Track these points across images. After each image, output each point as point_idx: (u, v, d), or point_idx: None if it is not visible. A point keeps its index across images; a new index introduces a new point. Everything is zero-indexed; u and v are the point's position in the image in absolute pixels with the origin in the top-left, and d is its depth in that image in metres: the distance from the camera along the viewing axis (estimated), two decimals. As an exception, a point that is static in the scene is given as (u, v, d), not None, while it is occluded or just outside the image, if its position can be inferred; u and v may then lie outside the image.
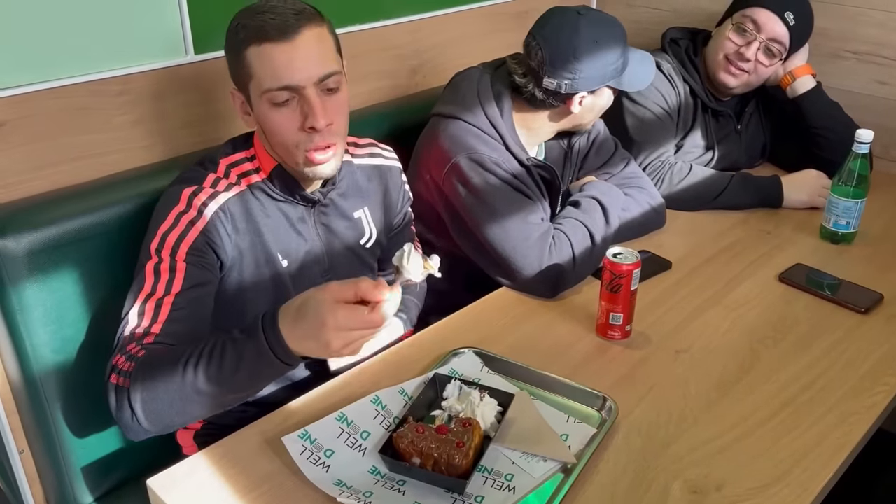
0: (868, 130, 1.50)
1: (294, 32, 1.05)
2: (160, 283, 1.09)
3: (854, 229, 1.57)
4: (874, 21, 1.85)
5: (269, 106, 1.09)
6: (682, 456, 1.03)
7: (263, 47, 1.05)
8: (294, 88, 1.07)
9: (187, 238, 1.11)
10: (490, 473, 0.99)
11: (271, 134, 1.12)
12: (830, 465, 1.02)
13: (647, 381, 1.18)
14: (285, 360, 0.94)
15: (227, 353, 0.96)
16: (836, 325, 1.32)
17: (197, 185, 1.14)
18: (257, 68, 1.07)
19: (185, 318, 1.09)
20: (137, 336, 1.06)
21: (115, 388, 1.01)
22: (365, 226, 1.32)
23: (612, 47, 1.43)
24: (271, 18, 1.05)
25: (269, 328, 0.93)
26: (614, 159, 1.67)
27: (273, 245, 1.20)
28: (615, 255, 1.24)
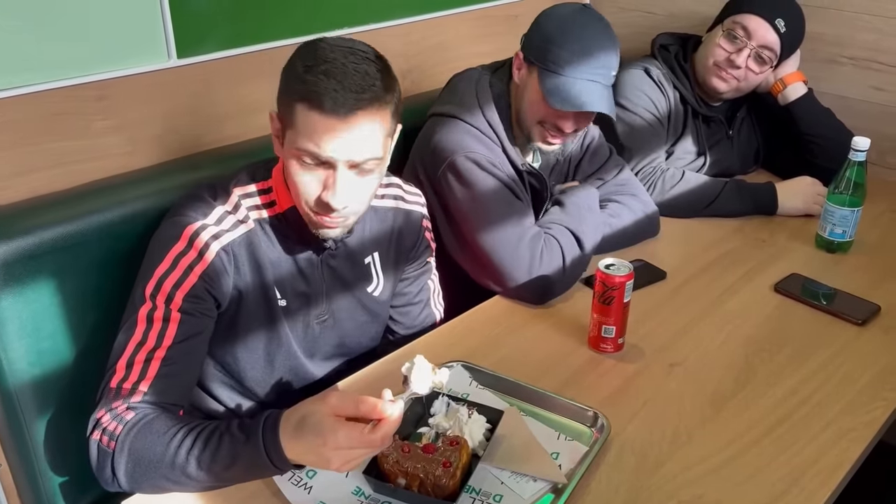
0: (864, 138, 1.47)
1: (349, 113, 0.98)
2: (152, 332, 1.03)
3: (850, 238, 1.55)
4: (871, 26, 1.83)
5: (297, 161, 1.03)
6: (677, 475, 1.01)
7: (312, 113, 0.99)
8: (326, 160, 1.02)
9: (185, 284, 1.05)
10: (478, 494, 0.96)
11: (290, 182, 1.07)
12: (829, 483, 0.99)
13: (640, 396, 1.16)
14: (280, 466, 0.91)
15: (222, 447, 0.92)
16: (833, 337, 1.30)
17: (201, 220, 1.08)
18: (299, 125, 1.01)
19: (176, 373, 1.04)
20: (125, 392, 1.00)
21: (98, 447, 0.97)
22: (373, 272, 1.26)
23: (570, 34, 1.37)
24: (334, 91, 0.97)
25: (270, 436, 0.90)
26: (608, 165, 1.64)
27: (273, 283, 1.14)
28: (607, 266, 1.21)
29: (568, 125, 1.41)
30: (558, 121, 1.41)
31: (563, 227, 1.45)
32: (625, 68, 1.81)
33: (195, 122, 1.43)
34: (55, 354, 1.20)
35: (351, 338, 1.26)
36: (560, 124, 1.41)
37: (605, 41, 1.38)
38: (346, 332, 1.25)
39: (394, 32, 1.73)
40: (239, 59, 1.46)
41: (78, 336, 1.21)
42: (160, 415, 0.99)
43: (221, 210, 1.10)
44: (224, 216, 1.10)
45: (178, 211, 1.10)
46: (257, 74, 1.50)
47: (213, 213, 1.09)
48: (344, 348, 1.27)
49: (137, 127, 1.35)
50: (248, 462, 0.91)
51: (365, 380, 1.20)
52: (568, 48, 1.36)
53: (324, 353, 1.24)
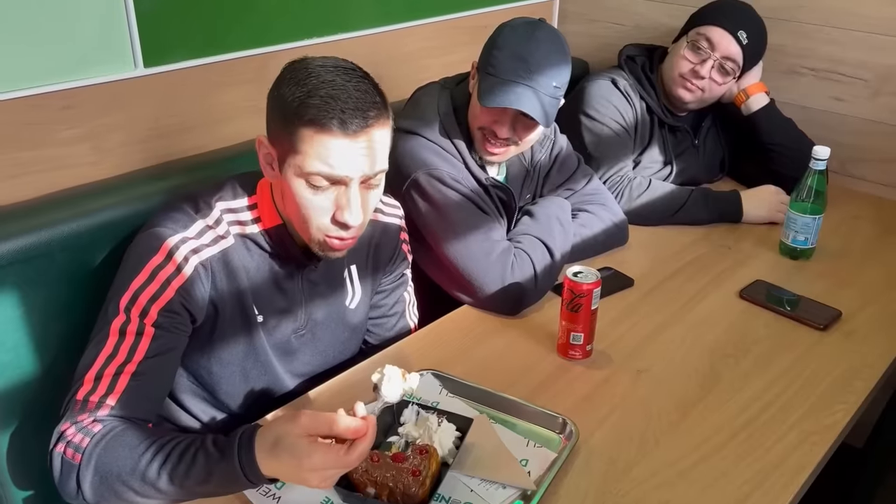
0: (825, 147, 1.51)
1: (360, 130, 0.98)
2: (124, 345, 1.01)
3: (812, 245, 1.58)
4: (830, 38, 1.88)
5: (306, 186, 1.01)
6: (644, 480, 1.02)
7: (322, 137, 0.97)
8: (339, 179, 1.01)
9: (161, 298, 1.03)
10: (448, 502, 0.97)
11: (296, 209, 1.04)
12: (792, 486, 1.01)
13: (608, 402, 1.17)
14: (255, 482, 0.91)
15: (196, 463, 0.92)
16: (796, 342, 1.32)
17: (181, 233, 1.06)
18: (307, 149, 0.99)
19: (145, 388, 1.02)
20: (91, 405, 0.98)
21: (63, 460, 0.95)
22: (348, 286, 1.25)
23: (513, 41, 1.37)
24: (342, 112, 0.97)
25: (245, 453, 0.90)
26: (576, 176, 1.66)
27: (251, 299, 1.13)
28: (575, 273, 1.22)
29: (503, 130, 1.40)
30: (494, 125, 1.41)
31: (534, 237, 1.46)
32: (592, 79, 1.84)
33: (162, 131, 1.42)
34: (18, 367, 1.18)
35: (329, 351, 1.26)
36: (495, 128, 1.40)
37: (548, 51, 1.37)
38: (325, 346, 1.25)
39: (361, 43, 1.74)
40: (206, 68, 1.45)
41: (42, 348, 1.19)
42: (129, 428, 0.97)
43: (202, 224, 1.08)
44: (204, 230, 1.08)
45: (157, 222, 1.08)
46: (224, 84, 1.49)
47: (193, 227, 1.07)
48: (322, 362, 1.26)
49: (103, 136, 1.34)
50: (223, 478, 0.91)
51: (336, 389, 1.19)
52: (506, 51, 1.37)
53: (302, 367, 1.23)
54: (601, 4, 2.25)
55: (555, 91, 1.38)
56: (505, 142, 1.43)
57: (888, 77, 1.82)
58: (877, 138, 1.87)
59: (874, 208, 1.83)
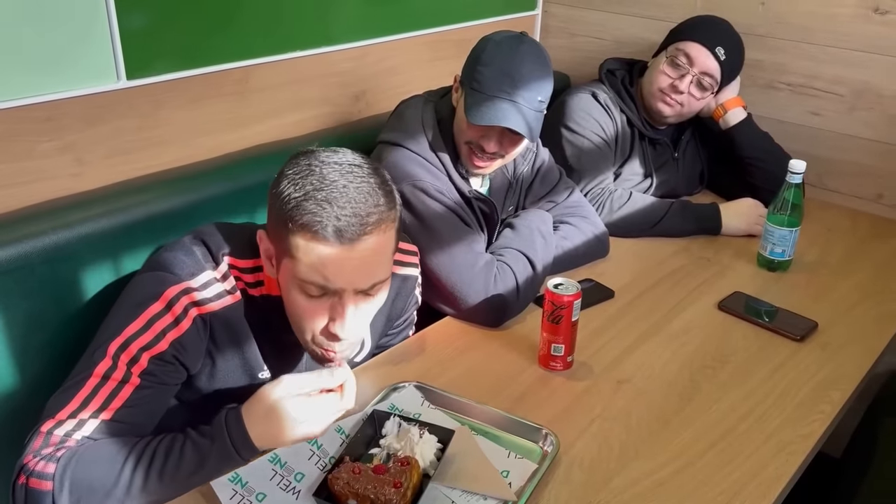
0: (801, 161, 1.53)
1: (356, 240, 0.93)
2: (103, 390, 0.97)
3: (790, 257, 1.61)
4: (807, 54, 1.91)
5: (299, 291, 0.97)
6: (624, 490, 1.03)
7: (317, 245, 0.93)
8: (333, 291, 0.97)
9: (154, 349, 0.99)
10: (429, 513, 0.97)
11: (290, 313, 1.02)
12: (769, 495, 1.02)
13: (589, 412, 1.18)
14: (248, 456, 0.92)
15: (185, 455, 0.91)
16: (774, 353, 1.34)
17: (186, 282, 1.01)
18: (301, 257, 0.94)
19: (112, 432, 0.97)
20: (55, 439, 0.95)
21: (27, 491, 0.91)
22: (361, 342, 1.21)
23: (498, 57, 1.38)
24: (337, 218, 0.91)
25: (235, 431, 0.90)
26: (558, 188, 1.67)
27: (255, 358, 1.10)
28: (556, 285, 1.23)
29: (490, 145, 1.42)
30: (481, 140, 1.42)
31: (515, 250, 1.47)
32: (573, 93, 1.86)
33: (144, 143, 1.42)
34: (-3, 380, 1.17)
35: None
36: (482, 143, 1.42)
37: (532, 66, 1.39)
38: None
39: (347, 55, 1.75)
40: (189, 80, 1.45)
41: (22, 360, 1.18)
42: (100, 444, 0.95)
43: (210, 276, 1.03)
44: (211, 283, 1.03)
45: (164, 264, 1.03)
46: (208, 96, 1.50)
47: (200, 277, 1.02)
48: None
49: (85, 148, 1.34)
50: (217, 461, 0.92)
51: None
52: (492, 67, 1.39)
53: None
54: (583, 19, 2.28)
55: (539, 105, 1.40)
56: (492, 156, 1.44)
57: (863, 92, 1.86)
58: (852, 152, 1.91)
59: (850, 221, 1.86)
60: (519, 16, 2.23)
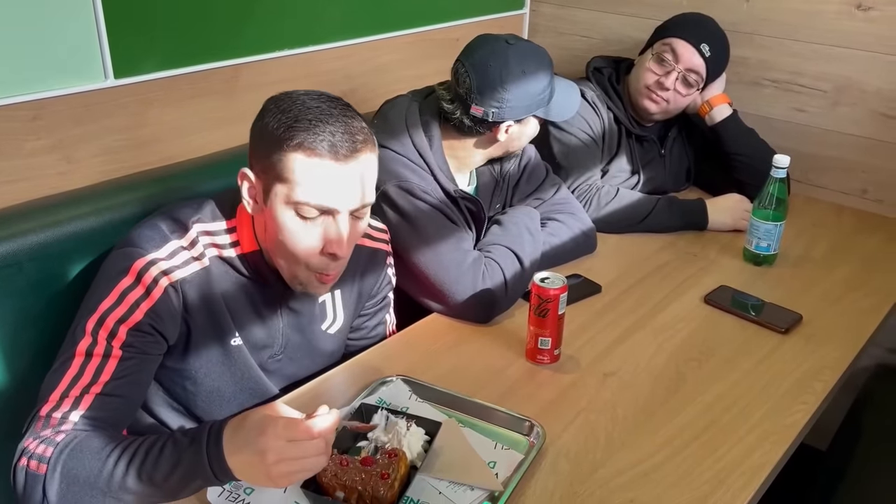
0: (785, 156, 1.55)
1: (349, 155, 0.98)
2: (89, 367, 1.00)
3: (775, 251, 1.62)
4: (791, 51, 1.93)
5: (294, 216, 1.01)
6: (609, 480, 1.04)
7: (313, 162, 0.97)
8: (330, 211, 1.01)
9: (129, 320, 1.02)
10: (416, 504, 0.98)
11: (283, 242, 1.03)
12: (752, 483, 1.04)
13: (575, 405, 1.19)
14: (219, 473, 0.90)
15: (164, 453, 0.92)
16: (759, 345, 1.35)
17: (153, 254, 1.04)
18: (298, 177, 0.98)
19: (108, 411, 1.00)
20: (54, 421, 0.97)
21: (26, 473, 0.94)
22: (329, 310, 1.24)
23: (539, 77, 1.45)
24: (330, 133, 0.97)
25: (213, 442, 0.90)
26: (545, 185, 1.68)
27: (227, 322, 1.12)
28: (542, 279, 1.24)
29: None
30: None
31: (503, 246, 1.48)
32: (560, 90, 1.87)
33: (132, 142, 1.43)
34: (-17, 379, 1.17)
35: (303, 370, 1.26)
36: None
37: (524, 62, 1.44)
38: (298, 369, 1.25)
39: (335, 54, 1.76)
40: (177, 79, 1.46)
41: (11, 358, 1.19)
42: (94, 435, 0.97)
43: (176, 245, 1.06)
44: (177, 251, 1.06)
45: (130, 241, 1.06)
46: (195, 95, 1.50)
47: (166, 247, 1.06)
48: (295, 378, 1.26)
49: (73, 147, 1.34)
50: (188, 467, 0.90)
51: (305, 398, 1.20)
52: (539, 79, 1.44)
53: (276, 383, 1.23)
54: (571, 18, 2.30)
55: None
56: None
57: (846, 88, 1.88)
58: (837, 148, 1.93)
59: (834, 215, 1.88)
60: (507, 15, 2.24)
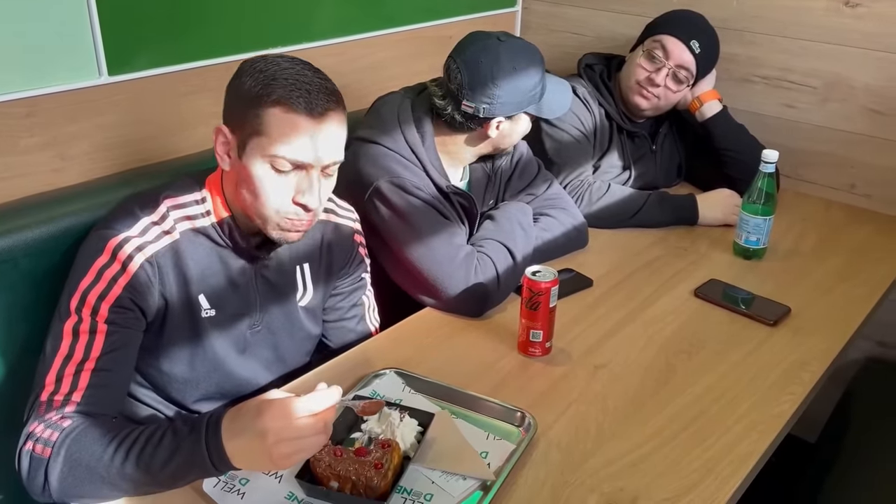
0: (773, 151, 1.56)
1: (323, 113, 1.03)
2: (79, 345, 1.03)
3: (764, 245, 1.64)
4: (781, 48, 1.95)
5: (269, 169, 1.05)
6: (599, 469, 1.05)
7: (290, 116, 1.02)
8: (303, 166, 1.05)
9: (109, 296, 1.05)
10: (409, 494, 0.99)
11: (256, 192, 1.07)
12: (740, 472, 1.05)
13: (566, 396, 1.20)
14: (217, 462, 0.91)
15: (163, 442, 0.94)
16: (748, 337, 1.37)
17: (125, 232, 1.07)
18: (273, 131, 1.03)
19: (107, 384, 1.04)
20: (57, 403, 1.00)
21: (31, 457, 0.97)
22: (299, 282, 1.27)
23: (530, 74, 1.46)
24: (307, 92, 1.02)
25: (212, 430, 0.92)
26: (537, 181, 1.70)
27: (200, 294, 1.15)
28: (534, 273, 1.26)
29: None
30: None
31: (495, 241, 1.49)
32: (552, 87, 1.88)
33: (126, 139, 1.44)
34: (-20, 373, 1.18)
35: (285, 348, 1.28)
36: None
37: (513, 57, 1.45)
38: (280, 342, 1.27)
39: (328, 52, 1.77)
40: (171, 76, 1.47)
41: (7, 352, 1.20)
42: (98, 422, 0.99)
43: (147, 221, 1.10)
44: (149, 227, 1.10)
45: (103, 224, 1.10)
46: (189, 92, 1.51)
47: (137, 225, 1.09)
48: (276, 358, 1.27)
49: (67, 144, 1.35)
50: (186, 456, 0.92)
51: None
52: (505, 85, 1.43)
53: (258, 361, 1.25)
54: (562, 15, 2.31)
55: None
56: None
57: (835, 84, 1.89)
58: (825, 143, 1.95)
59: (824, 210, 1.90)
60: (499, 12, 2.26)
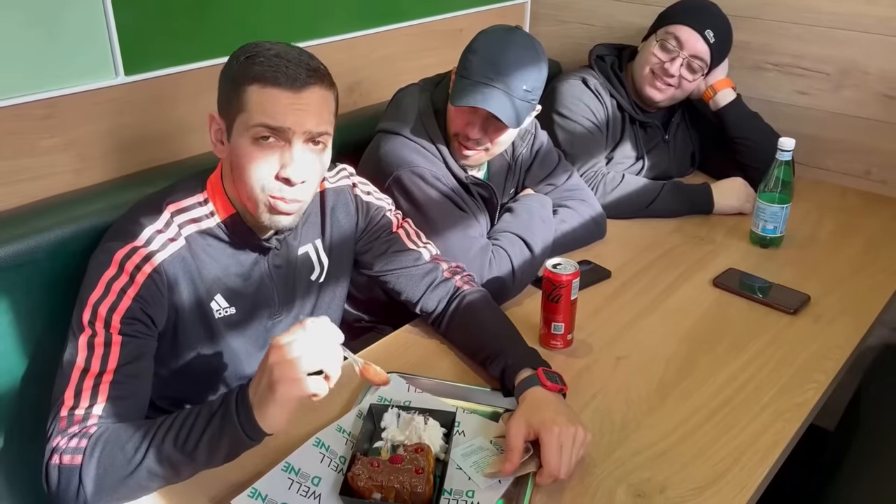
0: (790, 139, 1.56)
1: (303, 86, 1.04)
2: (94, 357, 1.03)
3: (781, 233, 1.63)
4: (792, 34, 1.94)
5: (251, 141, 1.05)
6: (626, 461, 1.05)
7: (267, 89, 1.03)
8: (283, 133, 1.04)
9: (119, 308, 1.05)
10: (451, 494, 0.99)
11: (242, 171, 1.07)
12: (766, 461, 1.06)
13: (590, 388, 1.20)
14: (247, 426, 0.93)
15: (199, 417, 0.96)
16: (768, 326, 1.37)
17: (130, 243, 1.07)
18: (253, 104, 1.04)
19: (127, 395, 1.04)
20: (78, 419, 1.00)
21: (60, 469, 0.96)
22: (314, 261, 1.27)
23: (489, 48, 1.40)
24: (286, 67, 1.03)
25: (241, 396, 0.94)
26: (557, 171, 1.70)
27: (217, 293, 1.15)
28: (554, 266, 1.26)
29: (474, 131, 1.42)
30: (465, 128, 1.43)
31: (512, 233, 1.49)
32: (563, 79, 1.88)
33: (144, 138, 1.44)
34: (6, 374, 1.19)
35: None
36: (466, 131, 1.43)
37: (519, 55, 1.39)
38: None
39: (339, 47, 1.76)
40: (186, 75, 1.47)
41: (30, 355, 1.21)
42: (128, 424, 0.99)
43: (151, 230, 1.09)
44: (154, 236, 1.09)
45: (109, 236, 1.11)
46: (205, 90, 1.50)
47: (142, 235, 1.08)
48: None
49: (85, 144, 1.35)
50: (218, 423, 0.94)
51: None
52: (479, 55, 1.41)
53: None
54: (572, 6, 2.30)
55: (525, 94, 1.39)
56: (475, 143, 1.45)
57: (848, 70, 1.89)
58: (839, 130, 1.94)
59: (839, 197, 1.90)
60: (508, 4, 2.25)
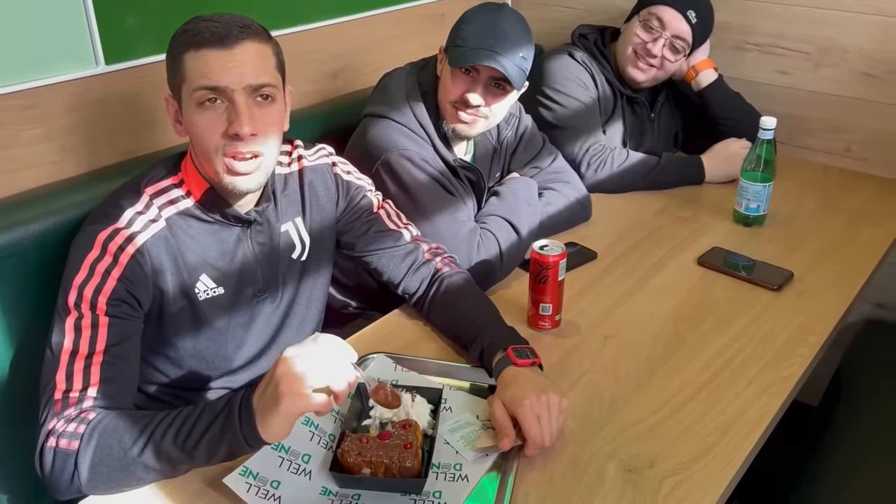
0: (771, 118, 1.58)
1: (234, 42, 1.04)
2: (83, 339, 1.03)
3: (764, 212, 1.65)
4: (772, 14, 1.95)
5: (196, 107, 1.05)
6: (615, 437, 1.07)
7: (200, 52, 1.03)
8: (222, 91, 1.04)
9: (105, 289, 1.05)
10: (439, 468, 1.00)
11: (196, 139, 1.08)
12: (753, 434, 1.07)
13: (578, 367, 1.22)
14: (247, 431, 0.92)
15: (202, 417, 0.95)
16: (752, 303, 1.39)
17: (112, 225, 1.08)
18: (191, 70, 1.04)
19: (117, 377, 1.03)
20: (73, 401, 0.99)
21: (55, 452, 0.96)
22: (295, 238, 1.27)
23: (480, 18, 1.42)
24: (214, 27, 1.04)
25: (245, 402, 0.93)
26: (542, 154, 1.71)
27: (203, 273, 1.15)
28: (541, 247, 1.27)
29: (475, 96, 1.42)
30: (467, 93, 1.42)
31: (499, 216, 1.50)
32: (549, 56, 1.88)
33: (125, 128, 1.43)
34: (-9, 367, 1.18)
35: (295, 307, 1.28)
36: (468, 97, 1.42)
37: (515, 24, 1.41)
38: (288, 303, 1.27)
39: (323, 33, 1.76)
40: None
41: (16, 345, 1.20)
42: (123, 413, 0.99)
43: (132, 212, 1.10)
44: (134, 218, 1.09)
45: (90, 220, 1.11)
46: (187, 78, 1.50)
47: (123, 217, 1.09)
48: (287, 322, 1.28)
49: (67, 135, 1.34)
50: (221, 427, 0.93)
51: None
52: (474, 24, 1.42)
53: (268, 328, 1.26)
54: (553, -11, 2.30)
55: (521, 61, 1.41)
56: (476, 110, 1.44)
57: (827, 49, 1.90)
58: (820, 109, 1.96)
59: (820, 175, 1.92)
60: (489, -12, 2.24)
